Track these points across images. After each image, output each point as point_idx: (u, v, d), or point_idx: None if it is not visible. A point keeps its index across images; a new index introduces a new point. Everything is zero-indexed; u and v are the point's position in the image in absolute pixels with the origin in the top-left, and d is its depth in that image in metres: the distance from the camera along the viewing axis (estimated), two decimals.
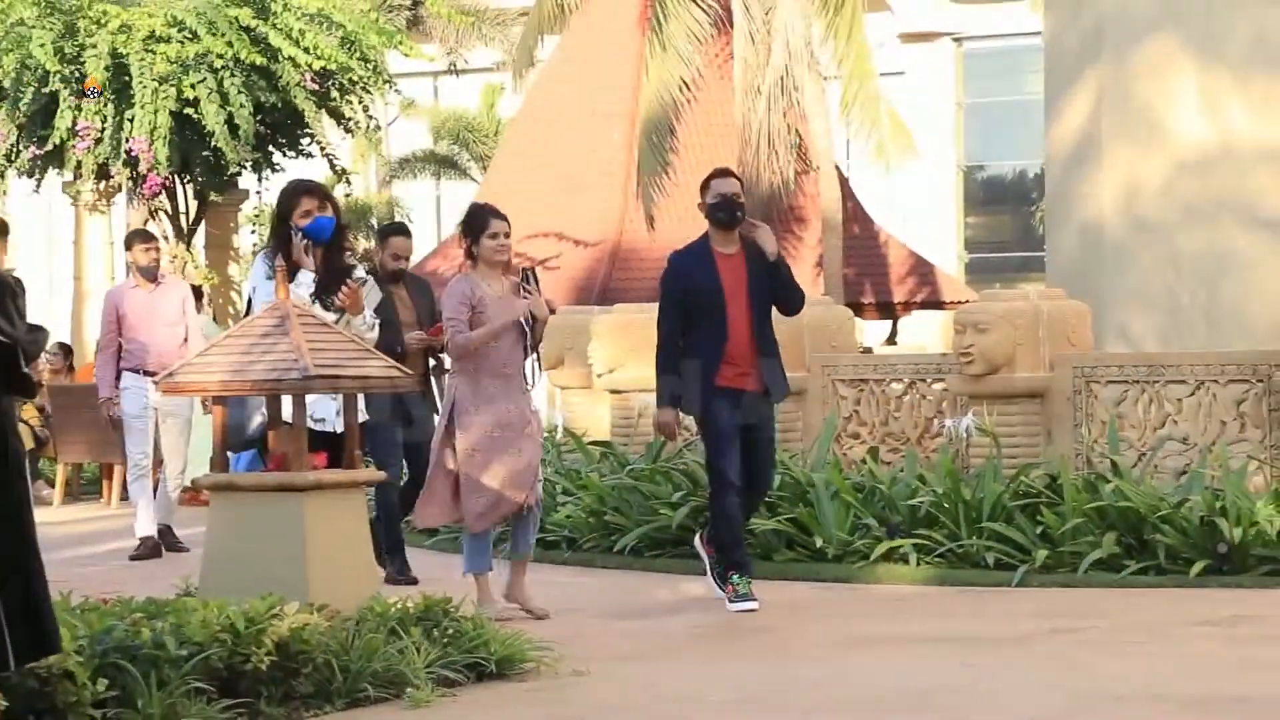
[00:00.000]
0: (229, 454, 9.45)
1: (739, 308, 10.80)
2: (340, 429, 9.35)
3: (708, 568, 11.07)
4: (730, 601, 10.70)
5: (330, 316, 9.08)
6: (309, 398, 9.05)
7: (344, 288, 9.15)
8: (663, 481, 13.81)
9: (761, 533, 12.71)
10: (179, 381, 9.34)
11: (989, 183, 37.47)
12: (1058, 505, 12.36)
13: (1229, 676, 8.59)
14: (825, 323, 15.26)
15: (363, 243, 37.32)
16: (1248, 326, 15.90)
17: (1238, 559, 11.65)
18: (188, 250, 23.36)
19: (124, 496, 19.53)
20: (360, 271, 9.42)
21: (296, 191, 9.55)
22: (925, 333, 25.64)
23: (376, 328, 9.67)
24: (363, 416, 9.75)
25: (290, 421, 9.12)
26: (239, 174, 22.73)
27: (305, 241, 9.18)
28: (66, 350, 22.30)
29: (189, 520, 15.48)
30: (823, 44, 26.51)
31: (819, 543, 12.53)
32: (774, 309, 11.04)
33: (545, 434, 17.23)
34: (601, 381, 15.95)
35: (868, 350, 21.71)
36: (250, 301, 10.24)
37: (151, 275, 14.64)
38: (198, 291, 16.93)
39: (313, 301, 9.06)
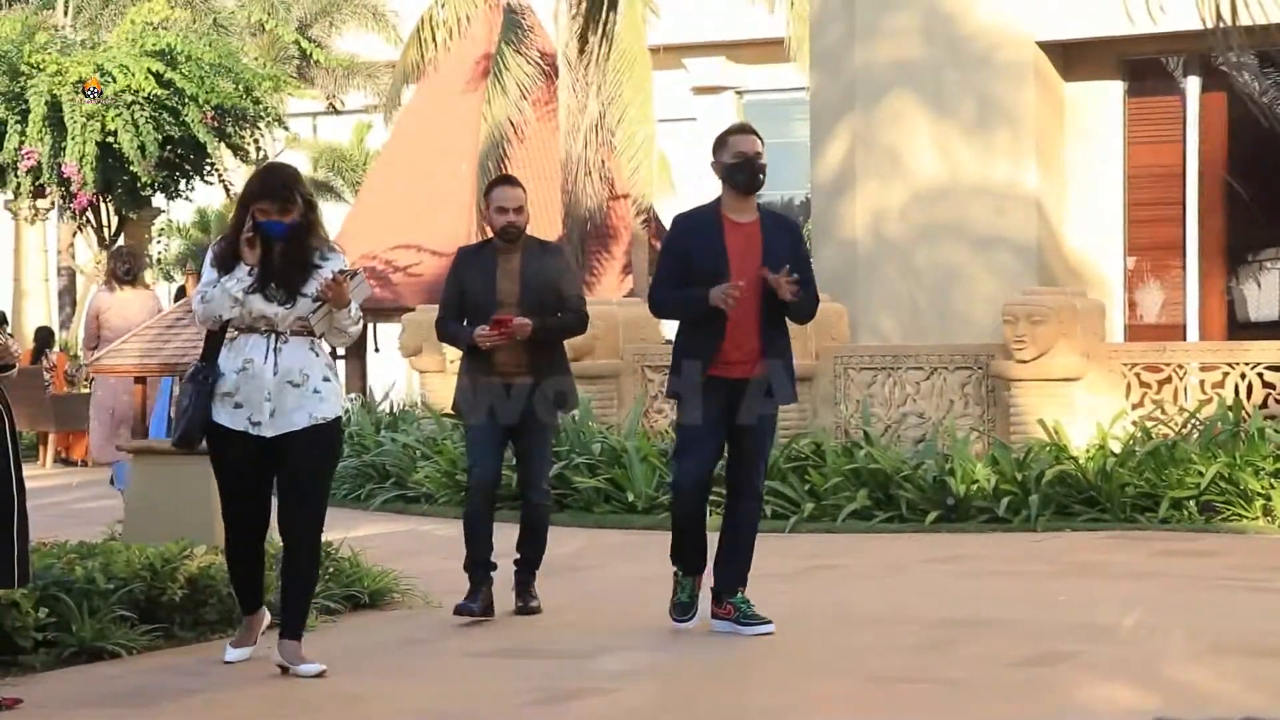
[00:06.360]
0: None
1: (746, 284, 7.55)
2: (270, 435, 6.88)
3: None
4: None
5: (273, 309, 6.79)
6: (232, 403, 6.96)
7: (325, 279, 6.74)
8: None
9: (584, 489, 12.68)
10: (104, 364, 9.20)
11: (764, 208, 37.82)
12: (822, 467, 12.46)
13: (952, 601, 8.72)
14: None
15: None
16: (970, 324, 16.09)
17: (962, 510, 11.82)
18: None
19: (58, 459, 19.16)
20: (345, 263, 6.86)
21: (258, 193, 6.89)
22: None
23: (360, 323, 7.00)
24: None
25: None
26: (151, 195, 22.44)
27: (250, 235, 6.82)
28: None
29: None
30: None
31: (630, 498, 12.54)
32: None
33: (409, 408, 17.08)
34: (452, 366, 15.83)
35: (669, 342, 21.71)
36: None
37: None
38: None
39: (250, 293, 6.79)
